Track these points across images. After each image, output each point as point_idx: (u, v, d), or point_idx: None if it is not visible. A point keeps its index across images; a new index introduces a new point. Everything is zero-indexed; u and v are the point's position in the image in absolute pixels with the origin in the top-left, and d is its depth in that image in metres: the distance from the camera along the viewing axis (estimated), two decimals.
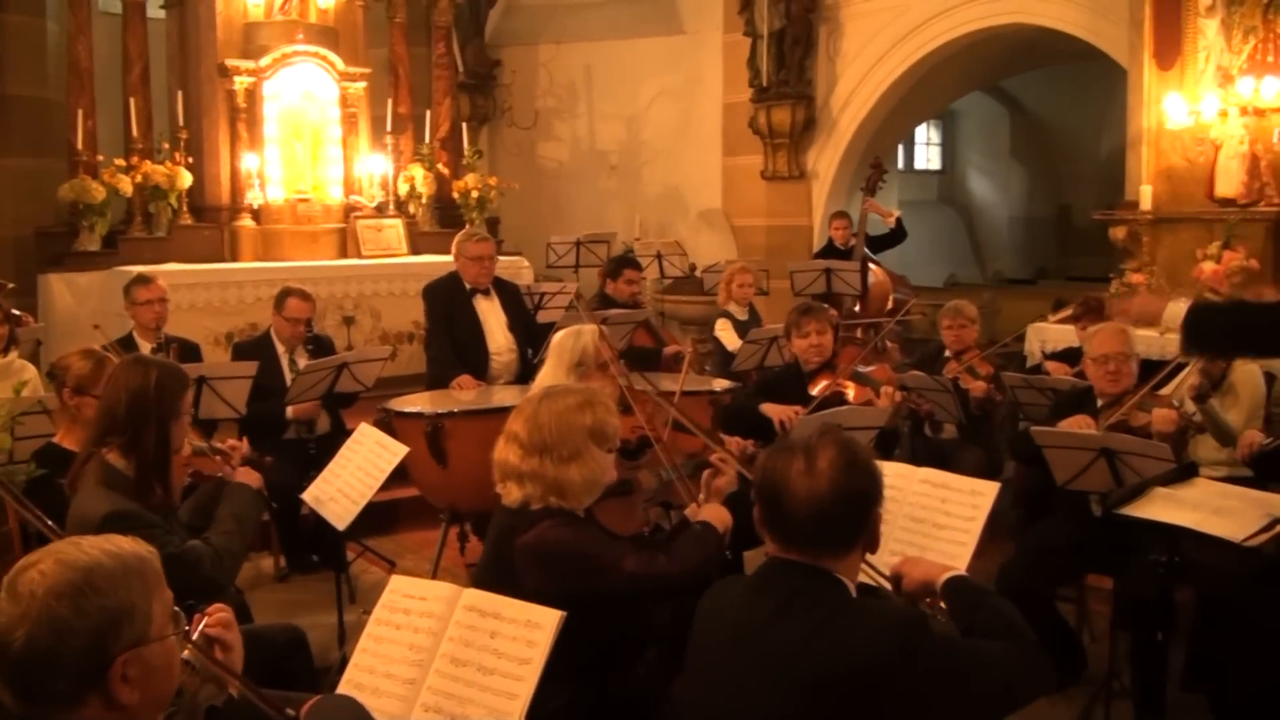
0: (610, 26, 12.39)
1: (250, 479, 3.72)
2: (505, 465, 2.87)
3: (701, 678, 2.26)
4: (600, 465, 2.87)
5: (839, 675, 2.00)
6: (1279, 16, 7.01)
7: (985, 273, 17.83)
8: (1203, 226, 7.18)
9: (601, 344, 4.19)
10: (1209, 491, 3.32)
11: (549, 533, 2.77)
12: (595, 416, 2.88)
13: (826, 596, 2.12)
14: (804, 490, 2.11)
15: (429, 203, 9.94)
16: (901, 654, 2.01)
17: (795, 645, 2.06)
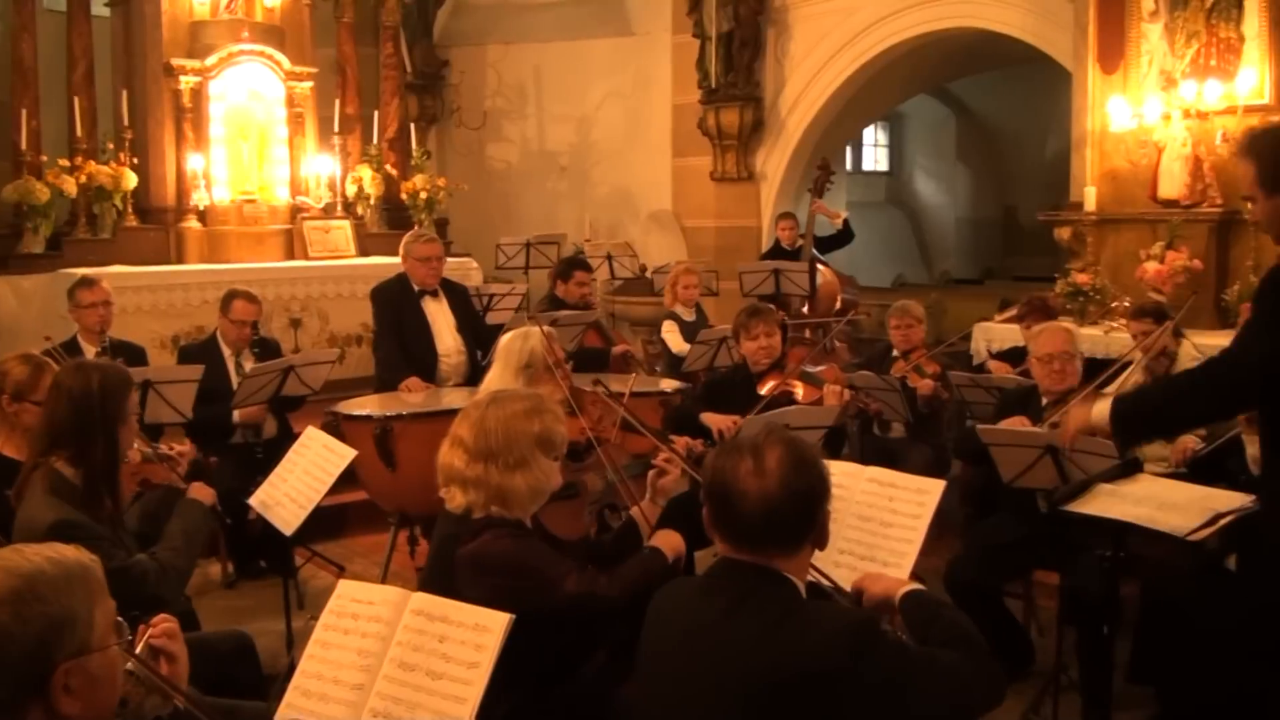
0: (559, 27, 12.37)
1: (204, 495, 3.67)
2: (449, 470, 2.82)
3: (653, 680, 2.26)
4: (546, 473, 2.83)
5: (790, 678, 2.00)
6: (1221, 21, 7.12)
7: (932, 273, 17.98)
8: (1146, 227, 7.28)
9: (549, 345, 4.17)
10: (1153, 487, 3.36)
11: (491, 544, 2.73)
12: (543, 424, 2.83)
13: (777, 597, 2.12)
14: (753, 490, 2.12)
15: (377, 204, 9.88)
16: (853, 657, 2.01)
17: (746, 648, 2.06)
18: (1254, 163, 2.88)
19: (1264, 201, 2.89)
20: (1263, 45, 6.92)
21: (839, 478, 3.11)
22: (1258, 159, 2.87)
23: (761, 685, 2.02)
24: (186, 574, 3.53)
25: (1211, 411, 3.19)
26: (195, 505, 3.62)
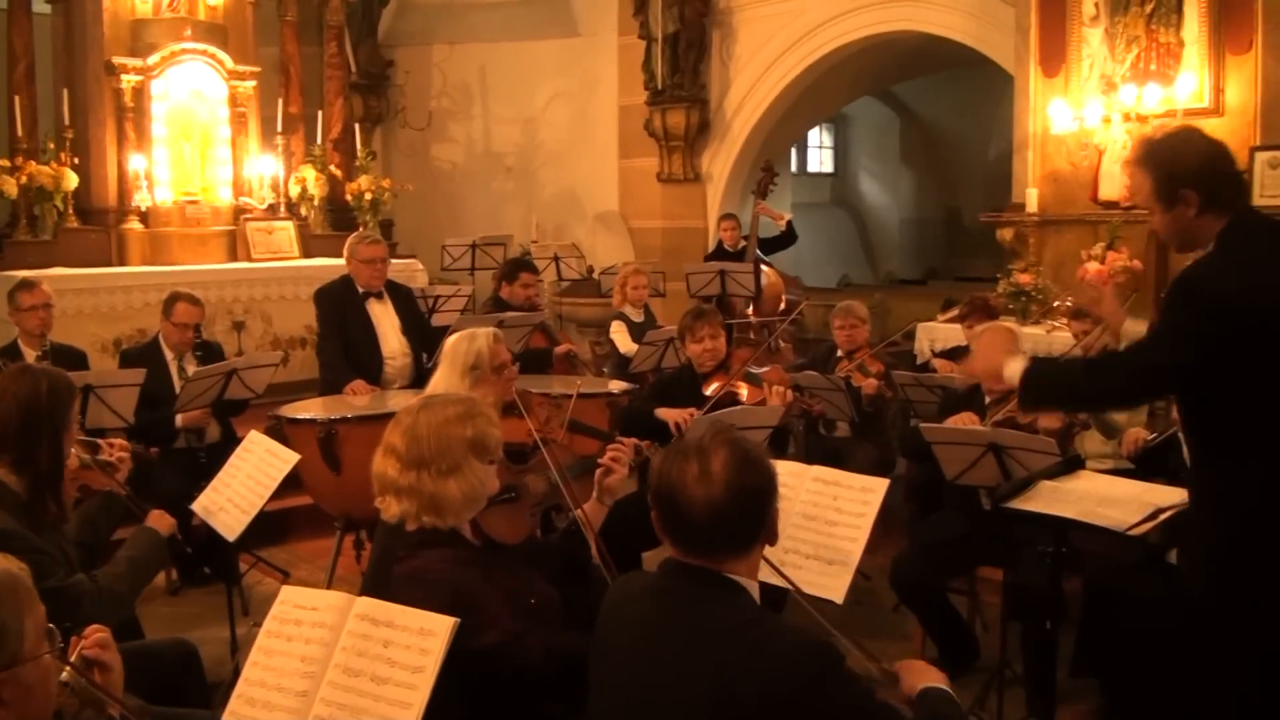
0: (505, 28, 12.33)
1: (161, 525, 3.59)
2: (383, 479, 2.76)
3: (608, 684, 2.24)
4: (481, 479, 2.77)
5: (749, 699, 1.99)
6: (1161, 26, 7.24)
7: (877, 273, 18.13)
8: (1087, 228, 7.39)
9: (497, 347, 4.15)
10: (1094, 484, 3.40)
11: (431, 568, 2.68)
12: (476, 428, 2.77)
13: (733, 606, 2.11)
14: (700, 496, 2.10)
15: (321, 205, 9.79)
16: (812, 681, 2.00)
17: (703, 667, 2.04)
18: (1150, 175, 2.87)
19: (1161, 215, 2.88)
20: (1202, 50, 7.06)
21: (784, 477, 3.11)
22: (1154, 171, 2.86)
23: (720, 707, 2.00)
24: (126, 601, 3.42)
25: (1111, 400, 3.31)
26: (149, 534, 3.52)
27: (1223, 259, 2.77)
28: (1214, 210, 2.79)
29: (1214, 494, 2.87)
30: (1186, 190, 2.79)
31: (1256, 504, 2.76)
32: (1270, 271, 2.74)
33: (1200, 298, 2.71)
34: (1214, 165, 2.82)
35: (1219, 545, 2.85)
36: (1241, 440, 2.76)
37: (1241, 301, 2.66)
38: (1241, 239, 2.77)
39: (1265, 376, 2.68)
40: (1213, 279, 2.74)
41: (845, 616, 5.10)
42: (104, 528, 3.81)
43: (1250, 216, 2.84)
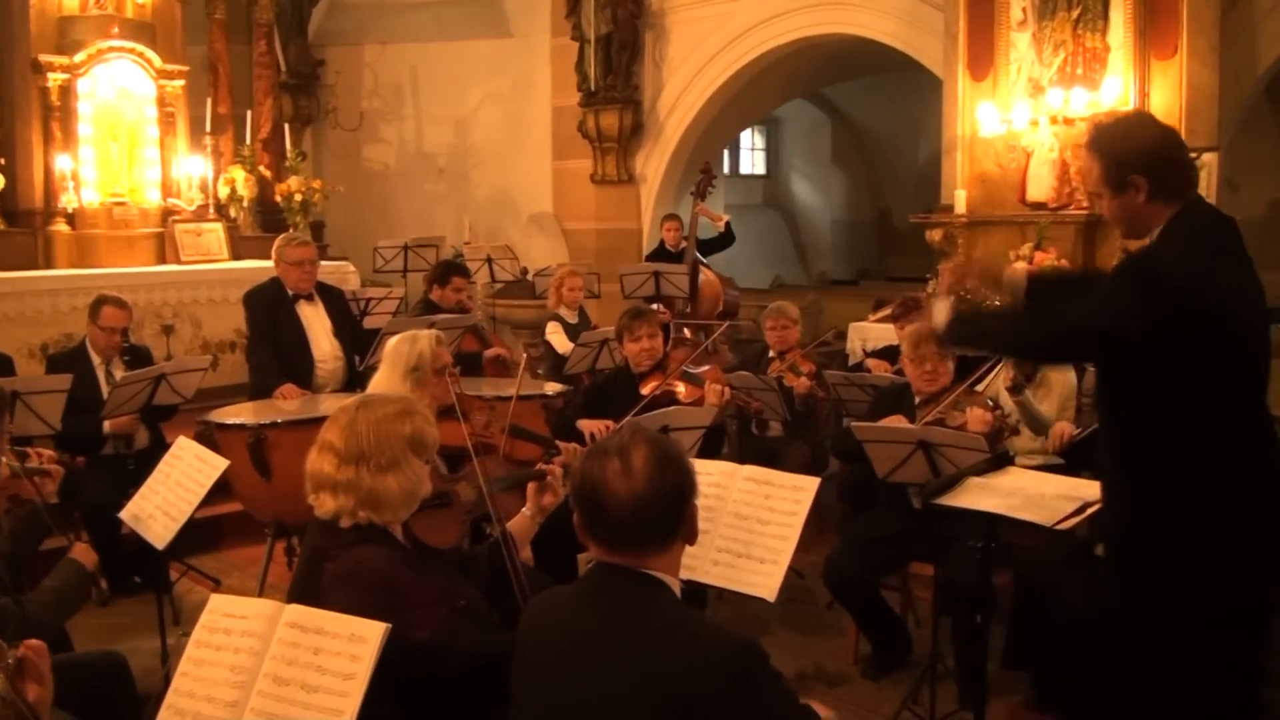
0: (436, 28, 12.26)
1: (86, 559, 3.52)
2: (319, 476, 2.75)
3: (528, 696, 2.24)
4: (418, 476, 2.79)
5: (673, 700, 2.00)
6: (1087, 31, 7.38)
7: (809, 274, 18.28)
8: (1015, 229, 7.51)
9: (439, 349, 4.13)
10: (1022, 480, 3.46)
11: (365, 562, 2.67)
12: (414, 426, 2.79)
13: (657, 606, 2.13)
14: (623, 489, 2.12)
15: (250, 206, 9.65)
16: (737, 680, 2.02)
17: (627, 666, 2.05)
18: (1099, 160, 2.85)
19: (1110, 200, 2.87)
20: (1127, 55, 7.21)
21: (717, 477, 3.15)
22: (1102, 156, 2.84)
23: (643, 706, 2.01)
24: (49, 630, 3.36)
25: (1038, 351, 3.23)
26: (73, 566, 3.46)
27: (1173, 249, 2.77)
28: (1163, 197, 2.79)
29: (1120, 467, 2.90)
30: (1135, 176, 2.78)
31: (1155, 478, 2.81)
32: (1214, 263, 2.76)
33: (1154, 278, 2.71)
34: (1164, 152, 2.81)
35: (1124, 521, 2.89)
36: (1151, 419, 2.79)
37: (1190, 289, 2.68)
38: (1189, 229, 2.78)
39: (1193, 364, 2.71)
40: (1168, 263, 2.74)
41: (780, 614, 5.20)
42: (27, 542, 3.74)
43: (1199, 207, 2.84)
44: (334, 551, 2.70)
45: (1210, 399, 2.74)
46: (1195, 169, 2.87)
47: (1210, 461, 2.76)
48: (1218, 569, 2.76)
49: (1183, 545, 2.77)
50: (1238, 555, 2.77)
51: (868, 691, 4.58)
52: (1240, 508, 2.76)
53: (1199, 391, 2.73)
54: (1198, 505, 2.75)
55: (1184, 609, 2.79)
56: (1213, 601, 2.77)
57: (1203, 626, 2.79)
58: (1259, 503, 2.79)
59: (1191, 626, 2.80)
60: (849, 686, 4.63)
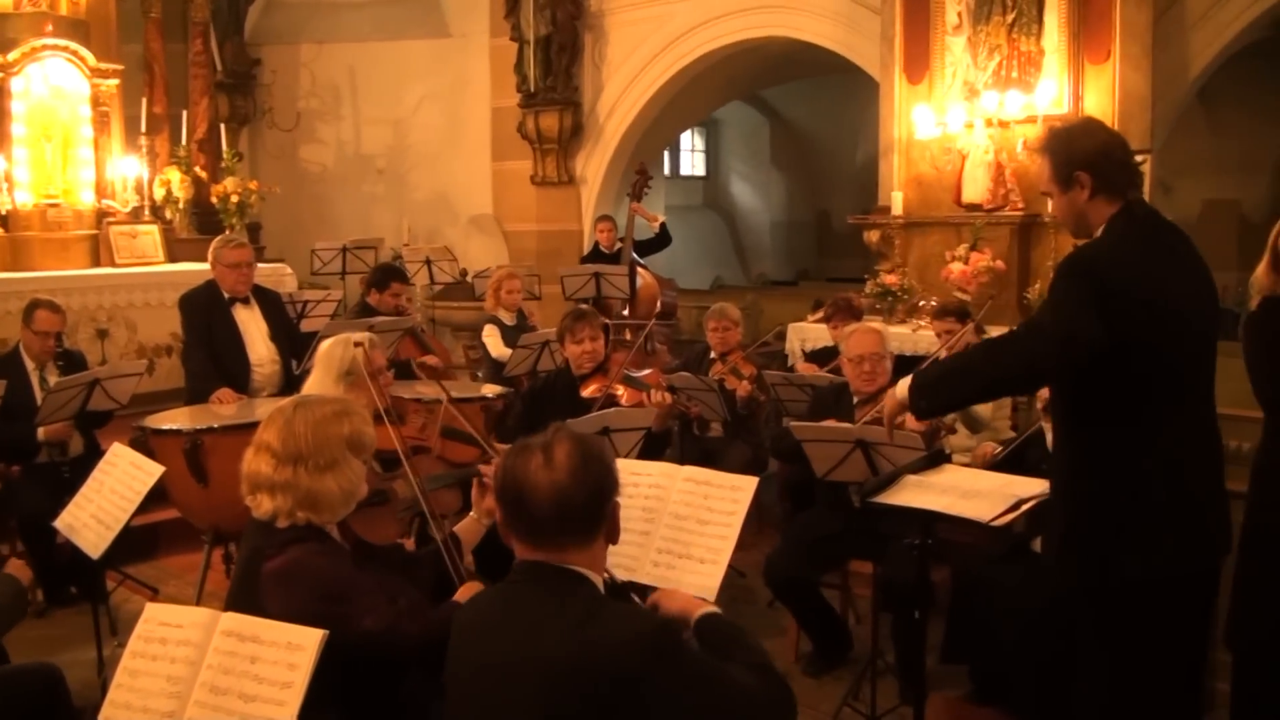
0: (374, 27, 12.17)
1: (22, 574, 3.47)
2: (256, 477, 2.74)
3: (460, 691, 2.24)
4: (357, 476, 2.79)
5: (594, 682, 2.02)
6: (1022, 35, 7.49)
7: (749, 275, 18.36)
8: (951, 230, 7.60)
9: (373, 353, 4.10)
10: (958, 477, 3.50)
11: (302, 561, 2.66)
12: (352, 425, 2.78)
13: (577, 597, 2.15)
14: (545, 482, 2.15)
15: (186, 208, 9.54)
16: (655, 661, 2.05)
17: (550, 653, 2.07)
18: (1049, 159, 3.00)
19: (1059, 197, 3.00)
20: (1062, 58, 7.34)
21: (657, 478, 3.16)
22: (1052, 156, 2.99)
23: (566, 690, 2.03)
24: None
25: (1005, 385, 3.26)
26: (8, 581, 3.43)
27: (1111, 242, 2.90)
28: (1106, 194, 2.92)
29: (1072, 443, 2.97)
30: (1080, 173, 2.92)
31: (1109, 456, 2.87)
32: (1151, 259, 2.87)
33: (1089, 274, 2.81)
34: (1108, 152, 2.94)
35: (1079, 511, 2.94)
36: (1094, 410, 2.87)
37: (1125, 282, 2.78)
38: (1129, 226, 2.90)
39: (1133, 355, 2.78)
40: (1101, 258, 2.86)
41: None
42: None
43: (1139, 207, 2.96)
44: (270, 551, 2.69)
45: (1150, 391, 2.82)
46: (1138, 171, 3.01)
47: (1148, 454, 2.84)
48: (1163, 561, 2.83)
49: (1130, 536, 2.84)
50: (1181, 550, 2.85)
51: (809, 689, 4.61)
52: (1179, 500, 2.84)
53: (1139, 383, 2.81)
54: (1136, 498, 2.83)
55: (1130, 599, 2.86)
56: (1157, 592, 2.85)
57: (1147, 617, 2.86)
58: (1196, 495, 2.89)
59: (1136, 617, 2.87)
60: (790, 684, 4.66)
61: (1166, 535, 2.83)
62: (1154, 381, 2.82)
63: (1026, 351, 2.87)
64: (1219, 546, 3.00)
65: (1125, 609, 2.88)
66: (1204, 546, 2.92)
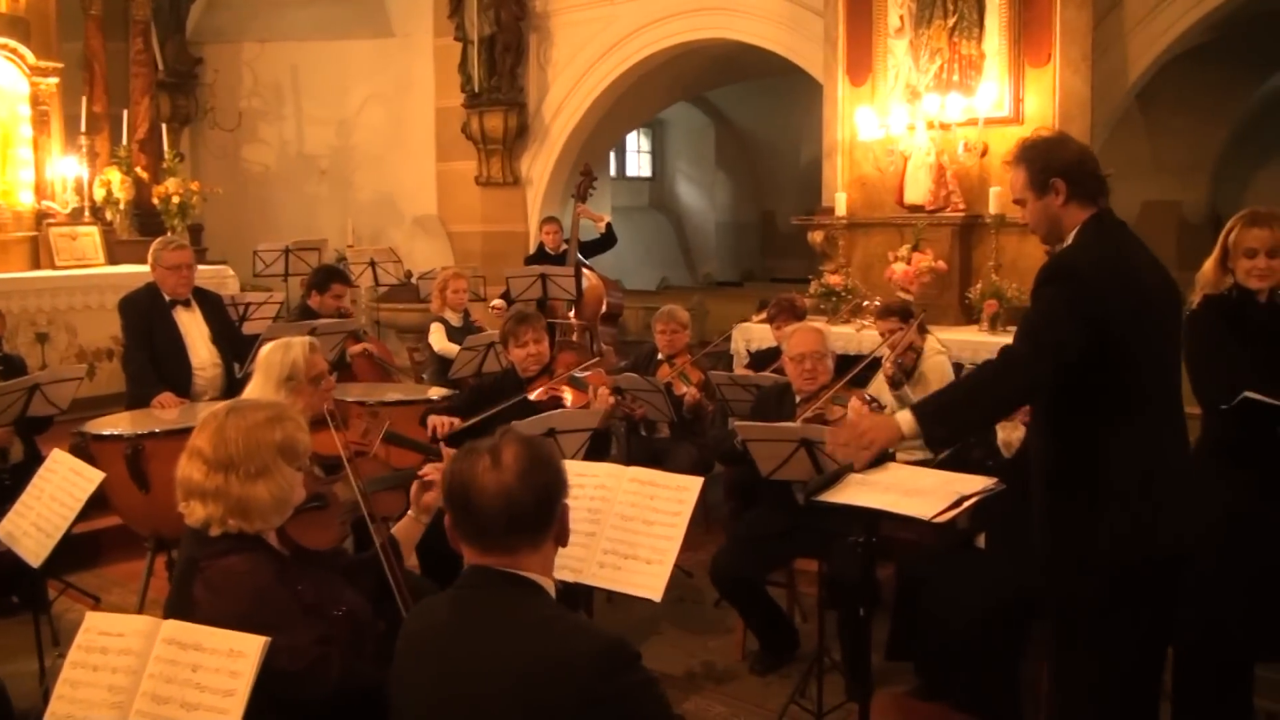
0: (317, 26, 12.08)
1: None
2: (188, 483, 2.69)
3: (408, 702, 2.23)
4: (289, 483, 2.74)
5: (543, 696, 2.02)
6: (963, 38, 7.59)
7: (695, 276, 18.42)
8: (894, 231, 7.67)
9: (314, 357, 4.07)
10: (901, 475, 3.52)
11: (233, 575, 2.63)
12: (285, 432, 2.74)
13: (529, 607, 2.14)
14: (492, 484, 2.14)
15: (127, 209, 9.40)
16: (601, 678, 2.03)
17: (500, 664, 2.06)
18: (1025, 168, 3.10)
19: (1034, 203, 3.10)
20: (1002, 62, 7.44)
21: (603, 479, 3.17)
22: (1029, 164, 3.10)
23: (516, 703, 2.02)
24: None
25: (1012, 402, 3.31)
26: None
27: (1085, 247, 3.01)
28: (1079, 201, 3.04)
29: (1052, 436, 3.06)
30: (1056, 179, 3.03)
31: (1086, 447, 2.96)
32: (1124, 262, 2.98)
33: (1069, 279, 2.93)
34: (1082, 162, 3.08)
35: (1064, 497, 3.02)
36: (1090, 404, 2.95)
37: (1104, 284, 2.89)
38: (1099, 233, 3.02)
39: (1112, 354, 2.88)
40: (1080, 262, 2.97)
41: (669, 613, 5.24)
42: None
43: (1109, 216, 3.08)
44: (204, 562, 2.65)
45: (1132, 386, 2.92)
46: (1106, 182, 3.11)
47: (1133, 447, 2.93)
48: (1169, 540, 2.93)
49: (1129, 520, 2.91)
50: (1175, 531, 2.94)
51: (756, 687, 4.65)
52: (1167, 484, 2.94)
53: (1123, 378, 2.91)
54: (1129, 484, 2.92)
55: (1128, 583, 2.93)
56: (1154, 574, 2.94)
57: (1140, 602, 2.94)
58: (1179, 481, 2.98)
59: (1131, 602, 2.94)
60: (737, 683, 4.70)
61: (1152, 519, 2.91)
62: (1135, 370, 2.92)
63: (1023, 366, 2.97)
64: (1197, 531, 3.07)
65: (1104, 591, 2.93)
66: (1185, 530, 3.00)
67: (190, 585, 2.64)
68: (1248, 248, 3.57)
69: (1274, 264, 3.55)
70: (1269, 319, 3.59)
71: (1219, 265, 3.65)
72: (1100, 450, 2.94)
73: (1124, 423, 2.92)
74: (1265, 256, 3.55)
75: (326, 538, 3.13)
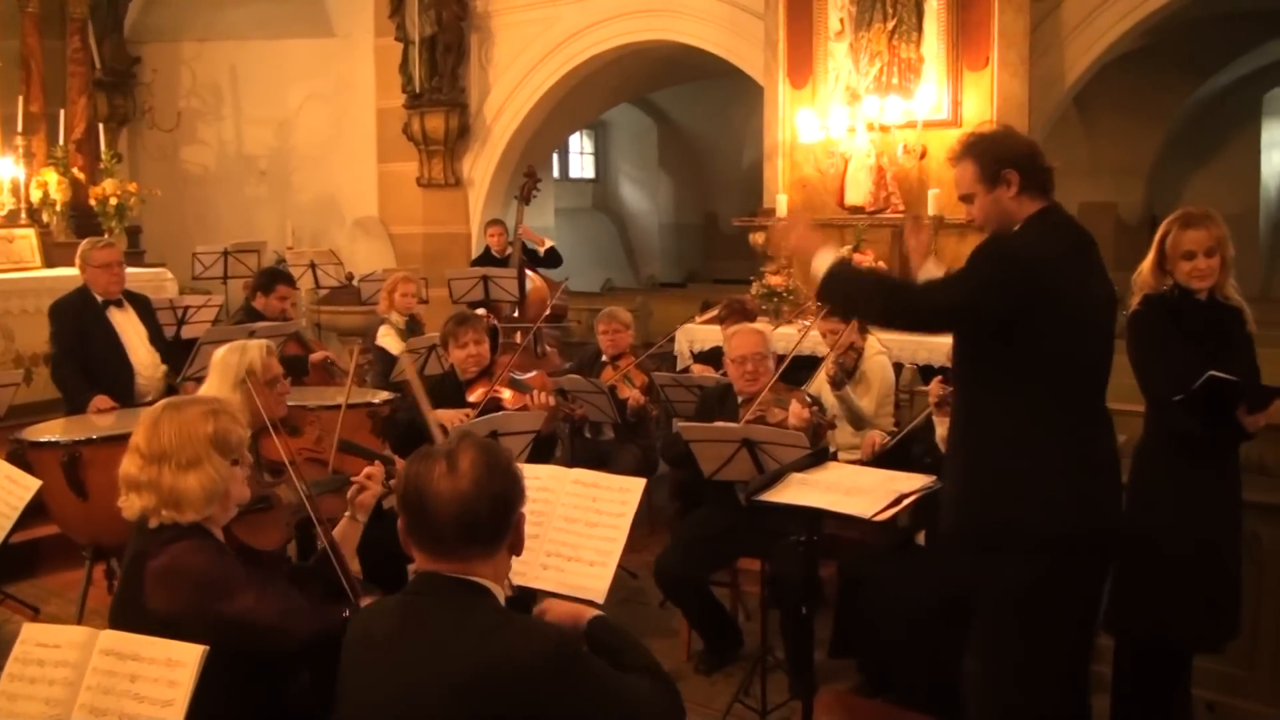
0: (256, 25, 11.95)
1: None
2: (126, 477, 2.74)
3: (355, 708, 2.21)
4: (222, 475, 2.75)
5: (493, 693, 2.01)
6: (903, 42, 7.68)
7: (639, 277, 18.42)
8: (834, 232, 7.71)
9: (269, 360, 4.04)
10: (841, 474, 3.56)
11: (181, 556, 2.65)
12: (218, 424, 2.77)
13: (478, 610, 2.13)
14: (447, 490, 2.12)
15: (64, 211, 9.24)
16: (560, 674, 2.04)
17: (449, 664, 2.05)
18: (975, 161, 3.12)
19: (983, 197, 3.12)
20: (941, 65, 7.54)
21: (545, 481, 3.18)
22: (979, 158, 3.12)
23: (466, 706, 2.02)
24: None
25: (897, 317, 3.37)
26: None
27: (1029, 236, 3.05)
28: (1030, 193, 3.08)
29: (978, 419, 3.13)
30: (1009, 170, 3.06)
31: (1015, 428, 3.04)
32: (1066, 255, 3.03)
33: (1010, 258, 2.99)
34: (1032, 153, 3.12)
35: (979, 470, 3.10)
36: (1008, 378, 3.03)
37: (1040, 271, 2.94)
38: (1047, 225, 3.06)
39: (1042, 336, 2.95)
40: (1020, 247, 3.02)
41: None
42: None
43: (1057, 211, 3.12)
44: (152, 550, 2.66)
45: (1057, 371, 2.98)
46: (1053, 175, 3.15)
47: (1051, 425, 3.00)
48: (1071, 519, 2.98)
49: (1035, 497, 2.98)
50: (1084, 509, 3.00)
51: (701, 687, 4.67)
52: (1081, 466, 3.02)
53: (1048, 363, 2.97)
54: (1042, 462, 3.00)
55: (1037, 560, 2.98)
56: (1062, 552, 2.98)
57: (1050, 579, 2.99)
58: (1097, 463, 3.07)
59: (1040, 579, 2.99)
60: (683, 683, 4.70)
61: (1071, 497, 2.98)
62: (1062, 363, 2.98)
63: (932, 297, 3.11)
64: (1117, 509, 3.17)
65: (1025, 568, 2.99)
66: (1104, 510, 3.08)
67: (140, 578, 2.65)
68: (1186, 250, 3.59)
69: (1212, 263, 3.59)
70: (1209, 315, 3.64)
71: (1156, 267, 3.68)
72: (1020, 436, 3.01)
73: (1043, 413, 3.00)
74: (1204, 257, 3.58)
75: (273, 539, 3.15)
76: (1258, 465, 4.00)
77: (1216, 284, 3.63)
